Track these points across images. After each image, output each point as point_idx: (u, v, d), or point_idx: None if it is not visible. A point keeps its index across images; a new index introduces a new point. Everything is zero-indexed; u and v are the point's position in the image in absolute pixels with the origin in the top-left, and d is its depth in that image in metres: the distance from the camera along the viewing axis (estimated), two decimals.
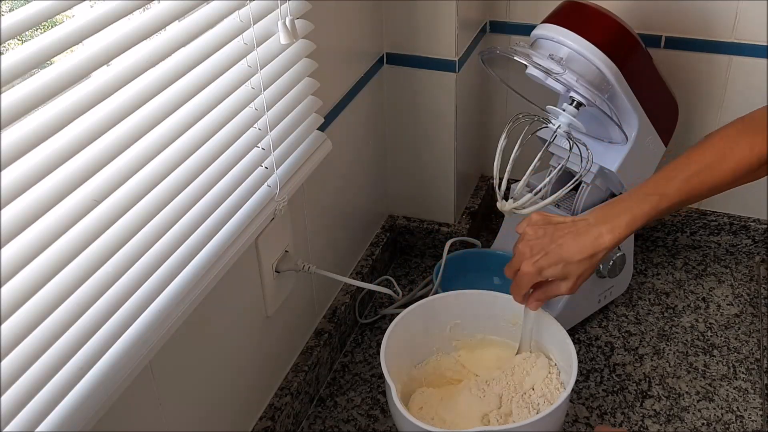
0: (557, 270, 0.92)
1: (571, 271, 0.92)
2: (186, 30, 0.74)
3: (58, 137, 0.61)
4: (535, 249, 0.92)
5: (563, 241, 0.92)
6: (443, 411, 1.00)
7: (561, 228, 0.93)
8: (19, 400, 0.61)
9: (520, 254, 0.94)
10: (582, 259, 0.92)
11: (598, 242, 0.92)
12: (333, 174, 1.15)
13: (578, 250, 0.92)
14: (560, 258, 0.92)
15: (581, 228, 0.93)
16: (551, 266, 0.92)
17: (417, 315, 1.04)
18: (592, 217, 0.94)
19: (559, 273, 0.92)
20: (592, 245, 0.92)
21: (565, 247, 0.92)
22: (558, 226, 0.94)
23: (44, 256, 0.61)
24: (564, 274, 0.93)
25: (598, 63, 1.05)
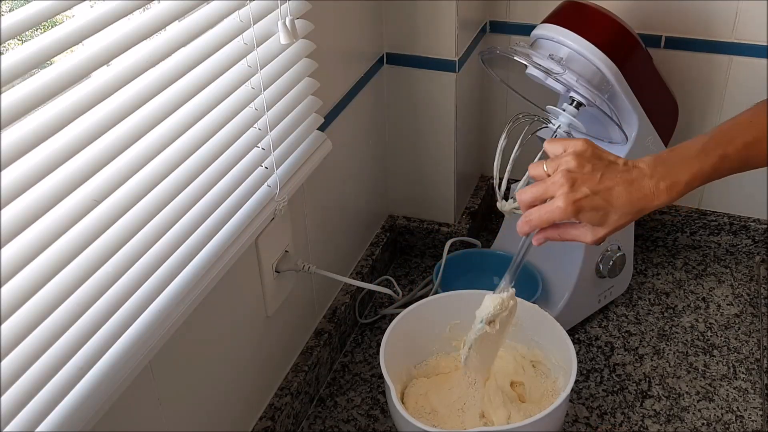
0: (597, 216, 0.80)
1: (611, 221, 0.80)
2: (186, 30, 0.74)
3: (58, 137, 0.61)
4: (579, 184, 0.78)
5: (614, 186, 0.79)
6: (437, 403, 1.01)
7: (613, 169, 0.80)
8: (19, 400, 0.61)
9: (556, 184, 0.79)
10: (629, 212, 0.80)
11: (653, 199, 0.80)
12: (333, 174, 1.15)
13: (628, 201, 0.80)
14: (607, 204, 0.79)
15: (636, 177, 0.80)
16: (593, 210, 0.79)
17: (417, 315, 1.04)
18: (648, 167, 0.81)
19: (598, 220, 0.80)
20: (646, 200, 0.80)
21: (615, 193, 0.79)
22: (610, 166, 0.81)
23: (44, 256, 0.61)
24: (601, 222, 0.80)
25: (598, 63, 1.05)
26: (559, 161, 0.80)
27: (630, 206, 0.80)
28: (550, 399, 1.02)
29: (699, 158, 0.82)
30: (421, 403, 1.02)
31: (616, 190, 0.80)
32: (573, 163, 0.79)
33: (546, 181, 0.80)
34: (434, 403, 1.02)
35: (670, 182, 0.81)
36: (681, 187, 0.81)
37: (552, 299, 1.21)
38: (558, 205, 0.78)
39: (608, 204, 0.80)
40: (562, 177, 0.79)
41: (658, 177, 0.81)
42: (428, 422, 1.00)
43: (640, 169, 0.81)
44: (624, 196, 0.80)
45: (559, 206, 0.78)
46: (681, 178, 0.81)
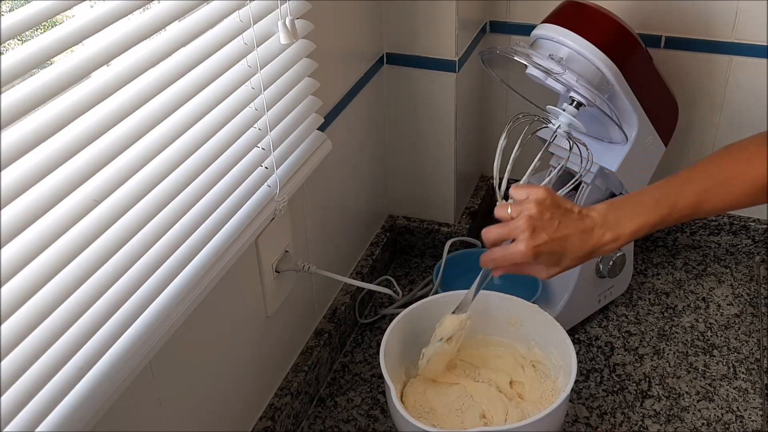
0: (552, 259, 0.88)
1: (563, 264, 0.89)
2: (186, 30, 0.74)
3: (58, 137, 0.61)
4: (539, 231, 0.86)
5: (569, 234, 0.87)
6: (437, 402, 1.01)
7: (569, 217, 0.88)
8: (19, 400, 0.61)
9: (519, 229, 0.87)
10: (580, 256, 0.89)
11: (600, 246, 0.89)
12: (333, 174, 1.15)
13: (579, 248, 0.88)
14: (562, 250, 0.87)
15: (588, 226, 0.88)
16: (549, 254, 0.87)
17: (417, 315, 1.04)
18: (599, 216, 0.89)
19: (553, 262, 0.89)
20: (593, 247, 0.88)
21: (569, 241, 0.87)
22: (567, 214, 0.88)
23: (44, 256, 0.61)
24: (555, 264, 0.89)
25: (598, 63, 1.05)
26: (522, 207, 0.88)
27: (581, 252, 0.88)
28: (550, 399, 1.02)
29: (648, 210, 0.89)
30: (421, 402, 1.03)
31: (571, 237, 0.87)
32: (534, 210, 0.87)
33: (510, 224, 0.88)
34: (434, 402, 1.02)
35: (616, 233, 0.88)
36: (625, 238, 0.89)
37: (552, 299, 1.21)
38: (520, 249, 0.86)
39: (563, 250, 0.87)
40: (524, 223, 0.86)
41: (606, 227, 0.88)
42: (428, 422, 1.00)
43: (592, 218, 0.89)
44: (576, 244, 0.88)
45: (520, 250, 0.86)
46: (626, 229, 0.88)
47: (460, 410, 1.01)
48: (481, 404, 1.01)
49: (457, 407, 1.01)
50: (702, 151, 1.36)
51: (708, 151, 1.35)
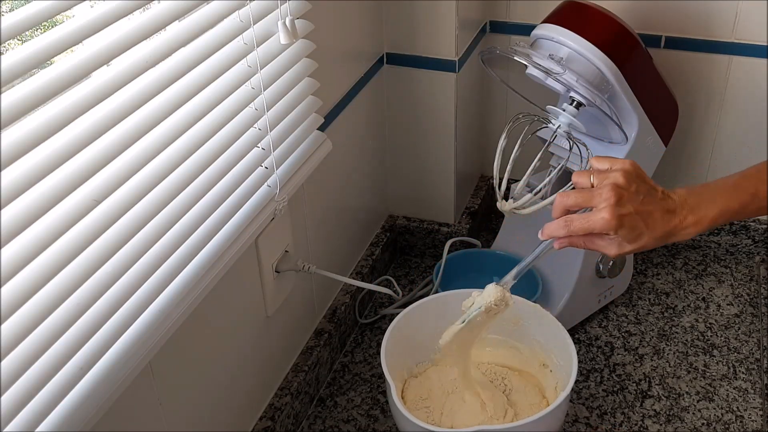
0: (632, 234, 0.83)
1: (641, 242, 0.84)
2: (186, 30, 0.74)
3: (58, 137, 0.61)
4: (625, 200, 0.81)
5: (653, 210, 0.83)
6: (438, 401, 1.01)
7: (653, 195, 0.84)
8: (19, 400, 0.61)
9: (603, 196, 0.81)
10: (659, 237, 0.84)
11: (681, 230, 0.85)
12: (333, 174, 1.15)
13: (662, 226, 0.84)
14: (644, 226, 0.83)
15: (670, 206, 0.85)
16: (631, 228, 0.82)
17: (417, 315, 1.04)
18: (680, 199, 0.85)
19: (632, 238, 0.83)
20: (674, 230, 0.85)
21: (653, 219, 0.83)
22: (651, 192, 0.84)
23: (44, 256, 0.61)
24: (633, 240, 0.84)
25: (598, 63, 1.05)
26: (607, 175, 0.83)
27: (662, 231, 0.84)
28: (549, 399, 1.02)
29: (729, 195, 0.86)
30: (422, 401, 1.03)
31: (655, 215, 0.83)
32: (621, 179, 0.82)
33: (592, 191, 0.82)
34: (434, 401, 1.02)
35: (698, 217, 0.84)
36: (707, 223, 0.85)
37: (552, 299, 1.21)
38: (603, 216, 0.80)
39: (645, 226, 0.83)
40: (610, 190, 0.81)
41: (687, 210, 0.84)
42: (429, 420, 1.00)
43: (673, 200, 0.85)
44: (659, 222, 0.83)
45: (604, 217, 0.80)
46: (708, 214, 0.85)
47: (460, 409, 1.01)
48: (481, 401, 1.01)
49: (457, 406, 1.01)
50: (702, 151, 1.36)
51: (708, 151, 1.36)
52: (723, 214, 0.85)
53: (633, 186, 0.82)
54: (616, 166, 0.84)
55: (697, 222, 0.85)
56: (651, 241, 0.84)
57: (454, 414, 1.01)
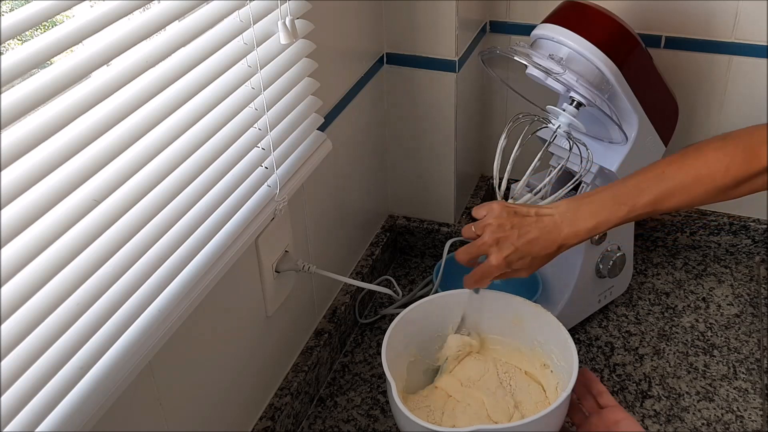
0: (525, 263, 0.94)
1: (536, 263, 0.94)
2: (186, 30, 0.74)
3: (58, 137, 0.61)
4: (503, 242, 0.93)
5: (531, 237, 0.93)
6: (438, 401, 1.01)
7: (527, 222, 0.94)
8: (19, 400, 0.61)
9: (485, 245, 0.93)
10: (548, 254, 0.94)
11: (563, 241, 0.93)
12: (333, 174, 1.15)
13: (545, 246, 0.93)
14: (528, 253, 0.93)
15: (548, 225, 0.93)
16: (519, 260, 0.93)
17: (417, 315, 1.04)
18: (557, 214, 0.94)
19: (525, 266, 0.94)
20: (557, 242, 0.93)
21: (533, 243, 0.93)
22: (524, 220, 0.94)
23: (44, 256, 0.61)
24: (529, 266, 0.95)
25: (598, 63, 1.05)
26: (483, 223, 0.94)
27: (547, 249, 0.93)
28: (550, 399, 1.02)
29: (606, 209, 0.93)
30: (422, 401, 1.02)
31: (533, 239, 0.93)
32: (494, 224, 0.93)
33: (477, 242, 0.94)
34: (435, 401, 1.02)
35: (575, 230, 0.93)
36: (583, 234, 0.93)
37: (552, 299, 1.21)
38: (492, 263, 0.93)
39: (531, 253, 0.93)
40: (488, 238, 0.93)
41: (565, 224, 0.93)
42: (429, 419, 1.00)
43: (550, 217, 0.94)
44: (541, 243, 0.93)
45: (493, 264, 0.93)
46: (584, 227, 0.93)
47: (460, 408, 1.01)
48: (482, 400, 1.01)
49: (458, 405, 1.01)
50: None
51: None
52: (600, 226, 0.93)
53: (507, 223, 0.93)
54: (488, 213, 0.95)
55: (574, 234, 0.92)
56: (545, 260, 0.94)
57: (455, 413, 1.01)
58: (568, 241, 0.93)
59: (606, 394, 0.95)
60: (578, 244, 0.94)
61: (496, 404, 1.01)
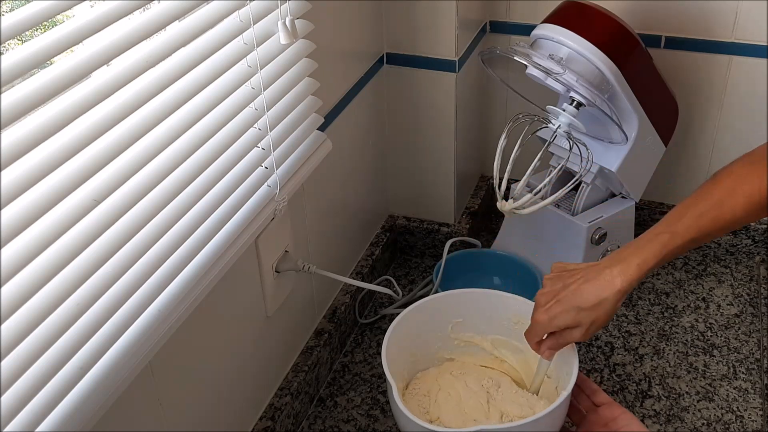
0: (569, 317, 0.89)
1: (583, 318, 0.89)
2: (186, 30, 0.74)
3: (58, 137, 0.61)
4: (548, 297, 0.91)
5: (575, 287, 0.89)
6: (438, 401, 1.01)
7: (574, 274, 0.91)
8: (19, 400, 0.61)
9: (536, 304, 0.93)
10: (593, 305, 0.88)
11: (609, 285, 0.89)
12: (333, 174, 1.15)
13: (589, 295, 0.89)
14: (571, 305, 0.89)
15: (592, 273, 0.90)
16: (562, 314, 0.89)
17: (417, 315, 1.04)
18: (604, 261, 0.91)
19: (571, 320, 0.90)
20: (603, 289, 0.88)
21: (577, 293, 0.89)
22: (571, 273, 0.92)
23: (44, 256, 0.61)
24: (576, 322, 0.90)
25: (598, 63, 1.05)
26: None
27: (593, 298, 0.88)
28: (549, 399, 1.02)
29: (648, 241, 0.90)
30: (422, 401, 1.03)
31: (578, 289, 0.89)
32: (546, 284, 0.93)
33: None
34: (435, 401, 1.02)
35: (621, 268, 0.89)
36: (633, 270, 0.88)
37: None
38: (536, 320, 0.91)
39: (572, 304, 0.89)
40: (538, 297, 0.93)
41: (610, 266, 0.89)
42: (429, 420, 1.00)
43: (597, 266, 0.91)
44: (585, 292, 0.89)
45: (536, 320, 0.91)
46: (631, 263, 0.88)
47: (461, 408, 1.01)
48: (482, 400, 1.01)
49: (458, 405, 1.01)
50: (702, 151, 1.36)
51: (708, 151, 1.36)
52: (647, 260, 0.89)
53: (556, 282, 0.91)
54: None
55: (621, 272, 0.88)
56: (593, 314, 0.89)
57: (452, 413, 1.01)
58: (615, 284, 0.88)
59: (600, 392, 0.95)
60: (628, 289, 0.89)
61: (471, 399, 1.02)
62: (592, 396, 0.95)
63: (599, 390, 0.95)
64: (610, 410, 0.92)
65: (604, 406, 0.93)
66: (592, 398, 0.95)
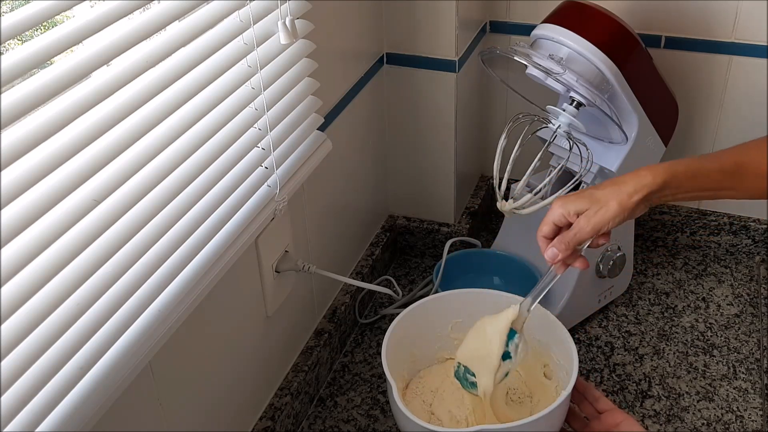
0: (581, 201, 0.87)
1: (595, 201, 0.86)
2: (186, 30, 0.74)
3: (58, 137, 0.61)
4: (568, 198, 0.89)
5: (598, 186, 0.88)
6: (438, 401, 1.01)
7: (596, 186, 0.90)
8: (19, 400, 0.61)
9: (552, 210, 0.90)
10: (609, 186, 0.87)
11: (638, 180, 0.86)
12: (333, 174, 1.15)
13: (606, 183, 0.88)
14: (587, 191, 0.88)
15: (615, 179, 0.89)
16: (576, 197, 0.87)
17: (417, 315, 1.04)
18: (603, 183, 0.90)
19: (583, 204, 0.87)
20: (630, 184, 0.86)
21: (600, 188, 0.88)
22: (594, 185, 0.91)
23: (44, 256, 0.61)
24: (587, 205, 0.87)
25: (598, 63, 1.05)
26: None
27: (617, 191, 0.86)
28: (550, 398, 1.02)
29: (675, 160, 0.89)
30: (422, 401, 1.03)
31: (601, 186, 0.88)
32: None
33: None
34: (435, 401, 1.02)
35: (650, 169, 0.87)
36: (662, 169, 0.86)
37: (552, 299, 1.21)
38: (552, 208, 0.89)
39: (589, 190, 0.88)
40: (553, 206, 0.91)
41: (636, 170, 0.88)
42: (429, 420, 1.00)
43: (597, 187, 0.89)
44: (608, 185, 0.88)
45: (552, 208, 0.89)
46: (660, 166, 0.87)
47: (461, 408, 1.01)
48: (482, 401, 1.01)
49: (458, 405, 1.01)
50: (702, 151, 1.36)
51: (708, 151, 1.35)
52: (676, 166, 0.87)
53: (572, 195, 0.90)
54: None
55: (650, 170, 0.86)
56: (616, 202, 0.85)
57: (452, 413, 1.01)
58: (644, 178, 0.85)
59: (603, 399, 0.94)
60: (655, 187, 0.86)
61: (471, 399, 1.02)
62: (595, 403, 0.95)
63: (602, 397, 0.94)
64: (612, 417, 0.92)
65: (607, 413, 0.93)
66: (595, 405, 0.95)
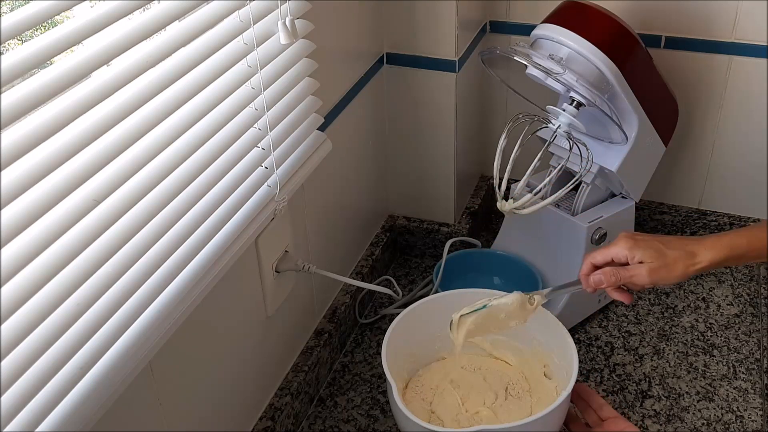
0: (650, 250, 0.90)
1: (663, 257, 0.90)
2: (186, 30, 0.74)
3: (58, 137, 0.61)
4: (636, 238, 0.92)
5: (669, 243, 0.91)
6: (438, 401, 1.01)
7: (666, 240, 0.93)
8: (19, 400, 0.61)
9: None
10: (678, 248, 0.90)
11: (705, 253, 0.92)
12: (333, 174, 1.15)
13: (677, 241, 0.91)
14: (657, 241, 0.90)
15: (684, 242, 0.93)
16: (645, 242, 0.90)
17: (417, 315, 1.04)
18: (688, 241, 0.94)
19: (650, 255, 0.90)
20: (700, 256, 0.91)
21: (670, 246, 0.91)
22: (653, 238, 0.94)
23: (44, 256, 0.61)
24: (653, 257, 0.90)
25: (598, 63, 1.05)
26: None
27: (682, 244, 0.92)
28: (550, 398, 1.02)
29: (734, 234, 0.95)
30: (422, 399, 1.03)
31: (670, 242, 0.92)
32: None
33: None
34: (435, 401, 1.02)
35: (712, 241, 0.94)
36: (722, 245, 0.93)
37: (552, 299, 1.21)
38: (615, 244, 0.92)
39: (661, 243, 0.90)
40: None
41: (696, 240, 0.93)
42: (429, 419, 1.00)
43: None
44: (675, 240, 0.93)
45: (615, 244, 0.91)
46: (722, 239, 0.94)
47: (461, 408, 1.01)
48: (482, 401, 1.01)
49: (458, 405, 1.02)
50: (702, 151, 1.36)
51: (708, 151, 1.36)
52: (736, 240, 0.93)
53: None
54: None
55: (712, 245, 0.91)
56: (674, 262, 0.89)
57: (452, 413, 1.01)
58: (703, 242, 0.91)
59: (606, 406, 0.94)
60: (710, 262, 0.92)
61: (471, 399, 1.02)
62: (599, 410, 0.95)
63: (605, 404, 0.94)
64: (615, 424, 0.92)
65: (609, 420, 0.93)
66: (599, 413, 0.95)
